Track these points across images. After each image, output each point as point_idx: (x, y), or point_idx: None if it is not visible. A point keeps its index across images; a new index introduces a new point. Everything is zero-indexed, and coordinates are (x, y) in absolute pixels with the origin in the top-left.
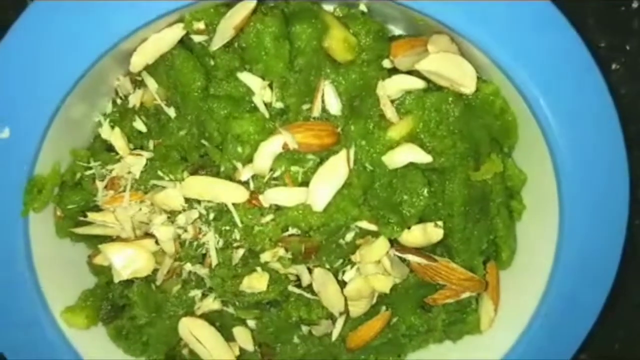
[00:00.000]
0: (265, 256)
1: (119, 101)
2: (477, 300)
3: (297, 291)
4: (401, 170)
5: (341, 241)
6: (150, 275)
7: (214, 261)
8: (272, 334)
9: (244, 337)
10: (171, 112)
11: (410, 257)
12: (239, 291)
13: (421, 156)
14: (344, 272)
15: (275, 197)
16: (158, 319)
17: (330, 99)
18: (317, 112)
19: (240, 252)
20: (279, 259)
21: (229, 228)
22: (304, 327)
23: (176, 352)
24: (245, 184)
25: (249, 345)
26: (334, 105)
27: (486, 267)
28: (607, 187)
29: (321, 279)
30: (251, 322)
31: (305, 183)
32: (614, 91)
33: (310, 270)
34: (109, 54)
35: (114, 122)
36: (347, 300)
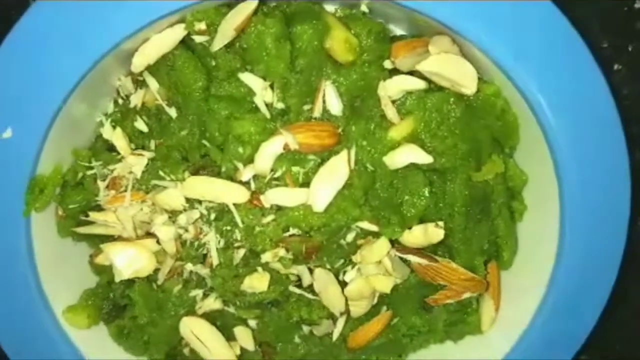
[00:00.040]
0: (266, 256)
1: (120, 101)
2: (478, 301)
3: (298, 291)
4: (402, 171)
5: (342, 241)
6: (151, 275)
7: (215, 261)
8: (273, 334)
9: (244, 337)
10: (172, 112)
11: (411, 257)
12: (240, 291)
13: (422, 157)
14: (344, 273)
15: (276, 197)
16: (159, 318)
17: (331, 100)
18: (318, 112)
19: (241, 252)
20: (279, 259)
21: (230, 228)
22: (304, 327)
23: (177, 351)
24: (246, 184)
25: (250, 345)
26: (335, 106)
27: (487, 268)
28: (609, 188)
29: (322, 279)
30: (252, 322)
31: (306, 183)
32: (616, 92)
33: (311, 271)
34: (111, 54)
35: (116, 122)
36: (347, 300)
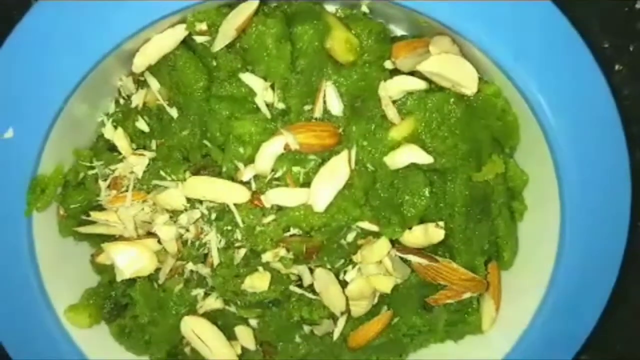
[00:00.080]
0: (266, 256)
1: (121, 101)
2: (479, 301)
3: (299, 291)
4: (402, 171)
5: (342, 241)
6: (152, 274)
7: (216, 261)
8: (273, 333)
9: (245, 336)
10: (173, 112)
11: (412, 257)
12: (241, 291)
13: (422, 157)
14: (345, 272)
15: (276, 197)
16: (160, 317)
17: (331, 100)
18: (318, 112)
19: (242, 252)
20: (280, 259)
21: (230, 228)
22: (305, 327)
23: (178, 350)
24: (246, 184)
25: (251, 344)
26: (336, 106)
27: (487, 268)
28: (609, 188)
29: (322, 279)
30: (253, 321)
31: (306, 183)
32: (617, 92)
33: (312, 270)
34: (112, 54)
35: (117, 122)
36: (348, 300)
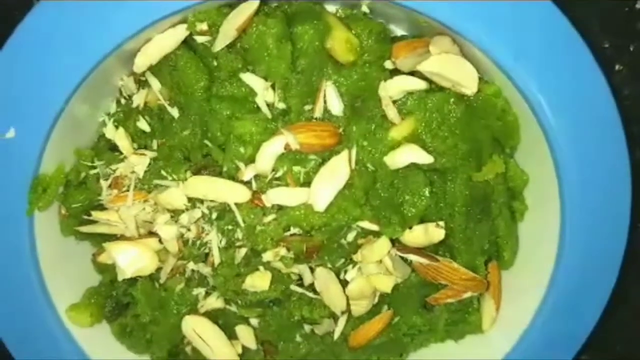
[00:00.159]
0: (267, 255)
1: (123, 101)
2: (479, 300)
3: (299, 290)
4: (403, 171)
5: (343, 241)
6: (153, 274)
7: (217, 260)
8: (274, 333)
9: (246, 336)
10: (174, 112)
11: (412, 256)
12: (242, 290)
13: (423, 157)
14: (345, 272)
15: (277, 197)
16: (161, 316)
17: (332, 100)
18: (319, 112)
19: (243, 251)
20: (281, 259)
21: (231, 227)
22: (306, 326)
23: (179, 349)
24: (247, 183)
25: (252, 344)
26: (336, 106)
27: (488, 267)
28: (609, 188)
29: (323, 279)
30: (254, 321)
31: (307, 183)
32: (617, 92)
33: (312, 270)
34: (113, 55)
35: (118, 122)
36: (348, 299)
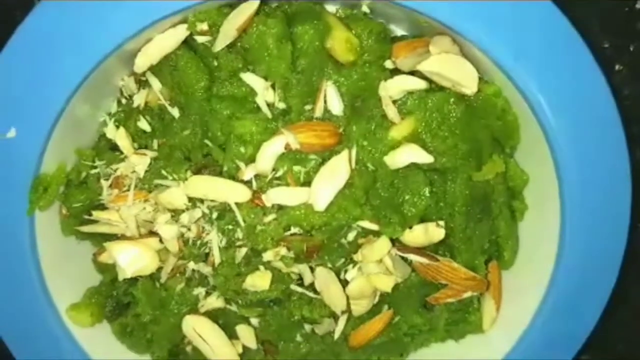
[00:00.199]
0: (267, 255)
1: (123, 101)
2: (479, 300)
3: (300, 290)
4: (403, 171)
5: (343, 240)
6: (154, 273)
7: (217, 260)
8: (275, 332)
9: (247, 335)
10: (175, 112)
11: (412, 256)
12: (242, 289)
13: (423, 156)
14: (346, 271)
15: (277, 196)
16: (162, 316)
17: (332, 100)
18: (319, 112)
19: (243, 250)
20: (281, 258)
21: (231, 227)
22: (306, 326)
23: (180, 349)
24: (247, 183)
25: (252, 343)
26: (336, 106)
27: (488, 267)
28: (609, 188)
29: (323, 278)
30: (254, 320)
31: (307, 183)
32: (617, 92)
33: (313, 269)
34: (114, 55)
35: (119, 122)
36: (349, 299)
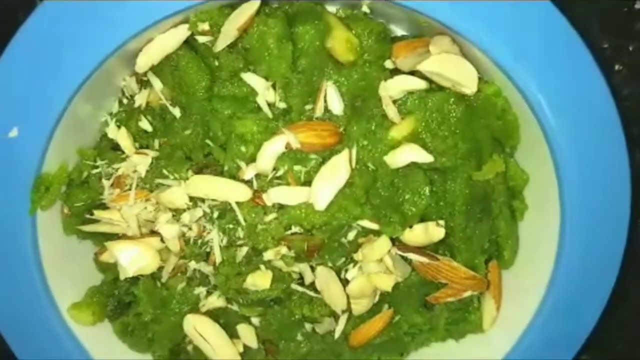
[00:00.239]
0: (268, 254)
1: (125, 101)
2: (479, 299)
3: (300, 289)
4: (403, 170)
5: (343, 240)
6: (155, 273)
7: (218, 259)
8: (275, 332)
9: (248, 334)
10: (176, 112)
11: (412, 255)
12: (243, 289)
13: (423, 156)
14: (346, 271)
15: (278, 196)
16: (163, 315)
17: (332, 99)
18: (319, 112)
19: (244, 250)
20: (281, 257)
21: (232, 226)
22: (307, 325)
23: (181, 348)
24: (248, 183)
25: (253, 343)
26: (337, 106)
27: (488, 266)
28: (609, 188)
29: (324, 277)
30: (255, 320)
31: (307, 182)
32: (617, 92)
33: (313, 269)
34: (115, 55)
35: (120, 122)
36: (349, 298)
